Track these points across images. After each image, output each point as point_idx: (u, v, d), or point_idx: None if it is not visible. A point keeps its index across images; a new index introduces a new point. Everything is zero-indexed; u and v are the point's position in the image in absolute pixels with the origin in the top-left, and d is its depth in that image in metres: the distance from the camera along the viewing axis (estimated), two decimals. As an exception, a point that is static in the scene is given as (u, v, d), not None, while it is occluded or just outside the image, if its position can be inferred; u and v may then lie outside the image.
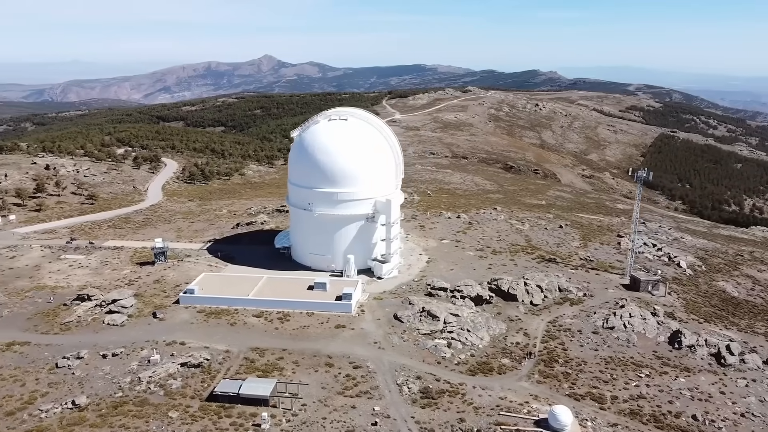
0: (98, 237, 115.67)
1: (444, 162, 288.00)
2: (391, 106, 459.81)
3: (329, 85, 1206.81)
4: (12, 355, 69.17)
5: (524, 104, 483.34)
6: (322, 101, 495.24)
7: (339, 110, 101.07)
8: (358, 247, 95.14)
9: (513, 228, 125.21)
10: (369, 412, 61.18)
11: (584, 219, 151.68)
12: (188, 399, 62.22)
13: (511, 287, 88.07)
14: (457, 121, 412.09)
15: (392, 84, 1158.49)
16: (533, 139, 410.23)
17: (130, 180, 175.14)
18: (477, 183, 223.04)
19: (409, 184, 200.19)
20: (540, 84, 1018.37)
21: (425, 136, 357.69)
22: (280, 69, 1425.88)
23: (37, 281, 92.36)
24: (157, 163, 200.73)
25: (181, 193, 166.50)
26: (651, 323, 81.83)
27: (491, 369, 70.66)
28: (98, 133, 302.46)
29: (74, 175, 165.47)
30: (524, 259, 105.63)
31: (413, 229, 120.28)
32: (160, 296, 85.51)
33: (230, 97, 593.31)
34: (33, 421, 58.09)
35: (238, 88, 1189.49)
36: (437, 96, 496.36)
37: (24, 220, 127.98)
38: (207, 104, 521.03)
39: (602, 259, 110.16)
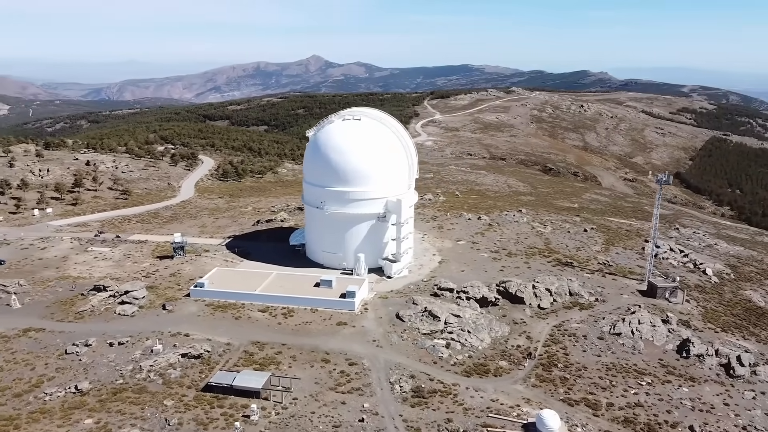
0: (126, 231, 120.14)
1: (480, 163, 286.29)
2: (432, 107, 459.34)
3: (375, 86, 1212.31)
4: (27, 340, 72.92)
5: (568, 105, 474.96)
6: (364, 101, 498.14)
7: (353, 110, 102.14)
8: (368, 246, 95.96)
9: (534, 230, 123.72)
10: (358, 409, 61.93)
11: (614, 223, 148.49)
12: (185, 388, 64.31)
13: (519, 290, 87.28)
14: (497, 122, 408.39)
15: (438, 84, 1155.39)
16: (576, 141, 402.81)
17: (165, 177, 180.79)
18: (510, 185, 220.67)
19: (440, 185, 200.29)
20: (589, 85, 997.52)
21: (464, 137, 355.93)
22: (327, 69, 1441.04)
23: (63, 272, 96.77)
24: (194, 160, 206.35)
25: (212, 190, 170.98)
26: (661, 330, 79.80)
27: (487, 371, 70.37)
28: (144, 131, 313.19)
29: (112, 171, 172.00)
30: (539, 262, 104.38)
31: (431, 229, 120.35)
32: (174, 289, 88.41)
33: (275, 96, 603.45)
34: (37, 403, 61.20)
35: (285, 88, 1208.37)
36: (479, 97, 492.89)
37: (60, 214, 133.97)
38: (252, 104, 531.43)
39: (622, 264, 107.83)
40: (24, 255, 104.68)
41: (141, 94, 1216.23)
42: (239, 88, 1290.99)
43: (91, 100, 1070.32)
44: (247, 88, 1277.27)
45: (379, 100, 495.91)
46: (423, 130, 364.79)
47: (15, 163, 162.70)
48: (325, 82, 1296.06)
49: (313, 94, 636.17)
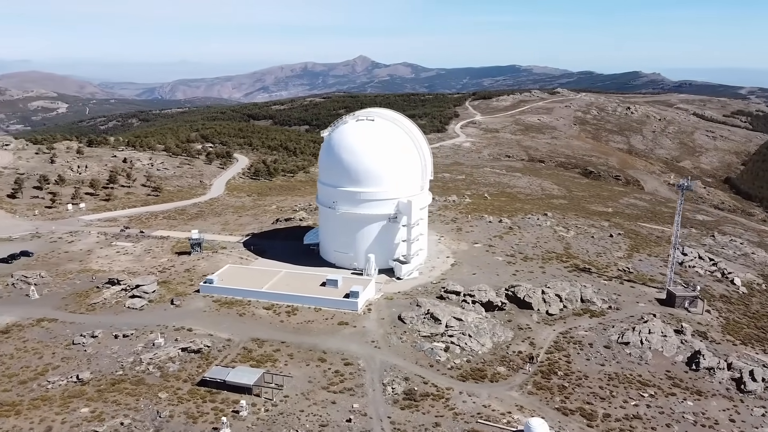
0: (151, 226, 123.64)
1: (518, 165, 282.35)
2: (474, 108, 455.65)
3: (421, 86, 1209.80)
4: (39, 330, 75.92)
5: (614, 107, 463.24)
6: (405, 101, 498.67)
7: (368, 111, 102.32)
8: (379, 247, 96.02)
9: (555, 235, 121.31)
10: (347, 409, 62.03)
11: (646, 229, 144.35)
12: (180, 382, 65.74)
13: (527, 295, 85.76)
14: (539, 123, 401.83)
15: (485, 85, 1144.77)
16: (620, 144, 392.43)
17: (198, 174, 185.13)
18: (544, 187, 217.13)
19: (470, 187, 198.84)
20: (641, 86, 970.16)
21: (503, 138, 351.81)
22: (373, 70, 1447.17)
23: (85, 265, 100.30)
24: (229, 159, 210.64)
25: (241, 188, 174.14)
26: (672, 341, 77.07)
27: (484, 376, 69.42)
28: (187, 129, 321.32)
29: (147, 168, 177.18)
30: (555, 267, 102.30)
31: (449, 231, 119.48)
32: (185, 284, 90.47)
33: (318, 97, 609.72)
34: (40, 390, 63.64)
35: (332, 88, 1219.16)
36: (522, 98, 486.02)
37: (92, 209, 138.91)
38: (295, 103, 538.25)
39: (644, 271, 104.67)
40: (52, 248, 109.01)
41: (192, 93, 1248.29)
42: (287, 88, 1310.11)
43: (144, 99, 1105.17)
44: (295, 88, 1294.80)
45: (420, 101, 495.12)
46: (462, 131, 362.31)
47: (56, 159, 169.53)
48: (371, 82, 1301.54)
49: (355, 95, 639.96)
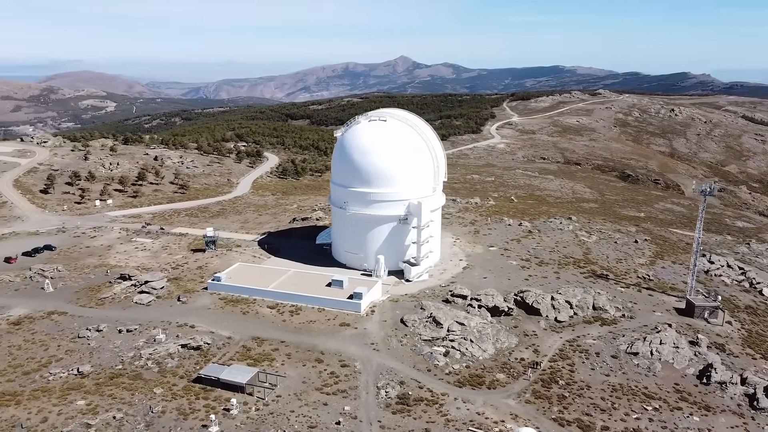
0: (172, 223, 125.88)
1: (552, 167, 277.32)
2: (511, 109, 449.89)
3: (462, 87, 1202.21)
4: (48, 322, 77.97)
5: (658, 109, 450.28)
6: (441, 102, 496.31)
7: (381, 111, 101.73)
8: (389, 248, 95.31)
9: (576, 239, 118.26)
10: (338, 411, 61.66)
11: (677, 235, 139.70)
12: (177, 378, 66.47)
13: (536, 301, 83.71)
14: (578, 125, 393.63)
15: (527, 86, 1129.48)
16: (662, 147, 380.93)
17: (227, 173, 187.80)
18: (575, 190, 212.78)
19: (498, 189, 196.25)
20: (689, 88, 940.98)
21: (539, 140, 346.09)
22: (414, 70, 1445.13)
23: (104, 260, 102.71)
24: (259, 158, 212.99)
25: (267, 187, 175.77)
26: (684, 353, 74.02)
27: (482, 382, 67.99)
28: (223, 128, 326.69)
29: (177, 166, 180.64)
30: (571, 272, 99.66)
31: (466, 234, 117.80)
32: (195, 281, 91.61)
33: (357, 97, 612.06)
34: (41, 382, 65.30)
35: (372, 88, 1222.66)
36: (561, 99, 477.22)
37: (119, 205, 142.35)
38: (333, 104, 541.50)
39: (665, 279, 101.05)
40: (74, 242, 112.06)
41: (236, 93, 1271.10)
42: (328, 88, 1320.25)
43: (189, 99, 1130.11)
44: (336, 88, 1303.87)
45: (458, 102, 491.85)
46: (497, 133, 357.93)
47: (89, 157, 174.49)
48: (412, 83, 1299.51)
49: (393, 95, 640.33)
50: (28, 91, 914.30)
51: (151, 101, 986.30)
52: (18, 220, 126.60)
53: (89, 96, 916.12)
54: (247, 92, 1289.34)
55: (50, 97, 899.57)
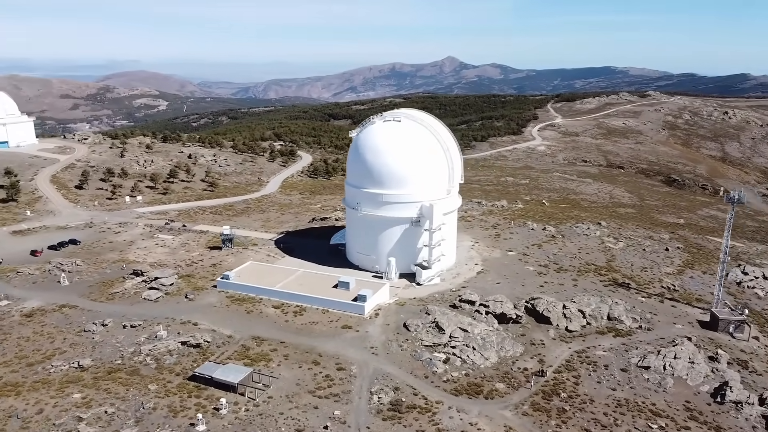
0: (196, 221, 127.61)
1: (592, 171, 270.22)
2: (555, 110, 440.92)
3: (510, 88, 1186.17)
4: (59, 315, 79.78)
5: (710, 111, 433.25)
6: (484, 103, 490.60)
7: (396, 111, 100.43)
8: (401, 251, 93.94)
9: (602, 245, 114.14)
10: (327, 415, 60.77)
11: (714, 243, 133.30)
12: (173, 375, 66.85)
13: (547, 309, 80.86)
14: (624, 127, 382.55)
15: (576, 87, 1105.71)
16: (713, 151, 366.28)
17: (258, 171, 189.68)
18: (613, 195, 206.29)
19: (531, 192, 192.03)
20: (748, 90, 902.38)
21: (582, 142, 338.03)
22: (461, 71, 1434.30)
23: (124, 255, 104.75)
24: (292, 157, 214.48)
25: (296, 186, 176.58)
26: (699, 369, 70.10)
27: (479, 392, 65.91)
28: (263, 127, 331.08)
29: (210, 164, 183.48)
30: (590, 280, 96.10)
31: (486, 238, 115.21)
32: (207, 279, 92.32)
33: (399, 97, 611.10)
34: (43, 373, 66.71)
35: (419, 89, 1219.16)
36: (608, 100, 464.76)
37: (148, 201, 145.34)
38: (376, 104, 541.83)
39: (692, 290, 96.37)
40: (99, 237, 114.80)
41: (283, 92, 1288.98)
42: (374, 88, 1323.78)
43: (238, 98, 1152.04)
44: (382, 88, 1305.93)
45: (501, 103, 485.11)
46: (539, 134, 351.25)
47: (126, 154, 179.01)
48: (459, 83, 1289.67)
49: (435, 95, 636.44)
50: (85, 89, 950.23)
51: (201, 100, 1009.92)
52: (50, 214, 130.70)
53: (142, 95, 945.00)
54: (295, 92, 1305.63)
55: (106, 95, 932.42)
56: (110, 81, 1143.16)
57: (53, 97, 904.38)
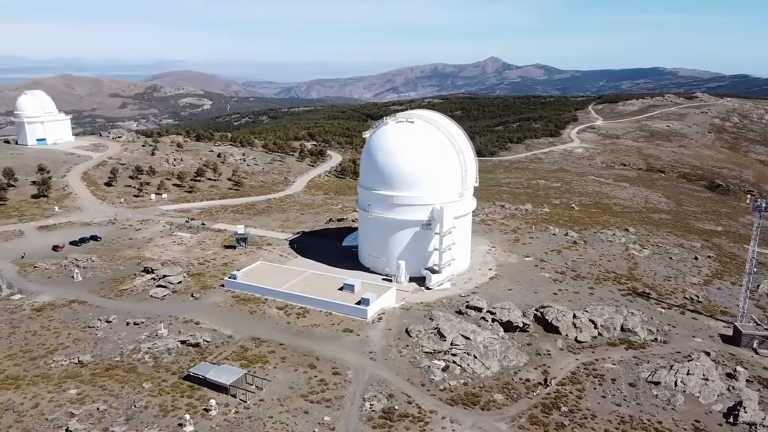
0: (216, 219, 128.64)
1: (630, 175, 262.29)
2: (596, 112, 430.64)
3: (553, 89, 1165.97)
4: (67, 310, 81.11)
5: (761, 114, 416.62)
6: (523, 104, 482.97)
7: (410, 112, 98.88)
8: (411, 254, 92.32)
9: (625, 253, 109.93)
10: (317, 421, 59.79)
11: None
12: (169, 374, 66.97)
13: (556, 318, 78.00)
14: (667, 130, 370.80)
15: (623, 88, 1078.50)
16: (762, 156, 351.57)
17: (286, 171, 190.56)
18: (649, 200, 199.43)
19: (562, 196, 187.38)
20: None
21: (622, 145, 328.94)
22: (504, 71, 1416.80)
23: (141, 252, 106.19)
24: (321, 157, 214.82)
25: (321, 186, 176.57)
26: (714, 386, 66.34)
27: (476, 402, 63.85)
28: (297, 127, 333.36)
29: (239, 163, 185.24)
30: (608, 289, 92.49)
31: (504, 242, 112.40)
32: (217, 278, 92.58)
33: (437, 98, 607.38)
34: (44, 368, 67.74)
35: (460, 89, 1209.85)
36: (653, 102, 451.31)
37: (174, 199, 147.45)
38: (414, 104, 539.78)
39: (717, 302, 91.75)
40: (120, 234, 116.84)
41: (325, 93, 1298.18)
42: (416, 89, 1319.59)
43: (281, 98, 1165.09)
44: (423, 89, 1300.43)
45: (540, 104, 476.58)
46: (577, 136, 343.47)
47: (156, 152, 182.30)
48: (501, 84, 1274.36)
49: (474, 96, 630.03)
50: (133, 89, 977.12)
51: (245, 100, 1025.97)
52: (77, 210, 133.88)
53: (188, 94, 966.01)
54: (337, 92, 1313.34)
55: (153, 95, 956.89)
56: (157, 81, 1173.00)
57: (103, 96, 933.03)
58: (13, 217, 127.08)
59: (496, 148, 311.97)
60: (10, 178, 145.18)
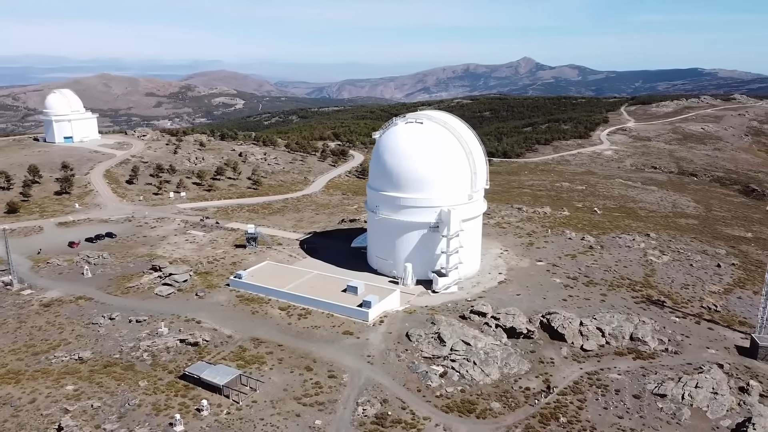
0: (231, 218, 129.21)
1: (660, 178, 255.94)
2: (629, 114, 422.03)
3: (587, 89, 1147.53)
4: (73, 306, 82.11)
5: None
6: (553, 105, 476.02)
7: (419, 113, 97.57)
8: (418, 256, 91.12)
9: (643, 259, 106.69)
10: (308, 425, 59.14)
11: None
12: (165, 373, 67.10)
13: (562, 325, 75.85)
14: (702, 133, 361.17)
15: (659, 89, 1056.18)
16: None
17: (307, 171, 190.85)
18: (677, 204, 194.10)
19: (586, 199, 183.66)
20: None
21: (654, 147, 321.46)
22: (537, 72, 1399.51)
23: (153, 250, 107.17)
24: (343, 156, 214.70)
25: (340, 186, 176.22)
26: (723, 400, 63.58)
27: (472, 410, 62.37)
28: (323, 127, 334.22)
29: (260, 162, 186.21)
30: (621, 296, 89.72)
31: (517, 246, 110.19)
32: (224, 277, 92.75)
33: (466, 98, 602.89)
34: (45, 363, 68.58)
35: (492, 90, 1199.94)
36: (687, 104, 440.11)
37: (192, 198, 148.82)
38: (442, 105, 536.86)
39: (737, 312, 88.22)
40: (135, 232, 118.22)
41: (356, 92, 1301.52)
42: (447, 89, 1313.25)
43: (313, 98, 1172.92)
44: (455, 89, 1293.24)
45: (571, 105, 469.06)
46: (607, 138, 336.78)
47: (179, 151, 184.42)
48: (534, 84, 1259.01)
49: (504, 96, 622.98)
50: (168, 88, 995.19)
51: (276, 99, 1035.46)
52: (97, 207, 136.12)
53: (221, 94, 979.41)
54: (368, 92, 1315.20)
55: (187, 94, 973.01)
56: (192, 80, 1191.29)
57: (139, 95, 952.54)
58: (35, 213, 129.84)
59: (522, 149, 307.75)
60: (35, 175, 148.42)
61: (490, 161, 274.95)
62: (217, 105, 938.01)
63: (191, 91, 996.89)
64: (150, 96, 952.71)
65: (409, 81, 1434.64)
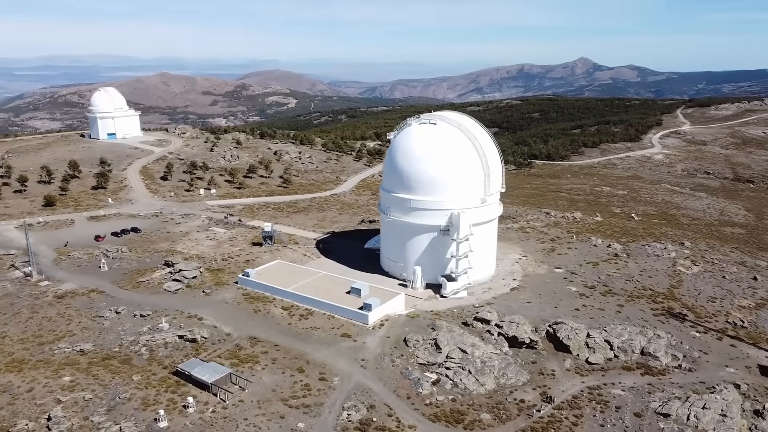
0: (255, 216, 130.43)
1: (712, 184, 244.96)
2: (685, 116, 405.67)
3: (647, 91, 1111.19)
4: (84, 299, 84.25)
5: None
6: (606, 106, 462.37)
7: (434, 114, 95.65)
8: (428, 260, 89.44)
9: (671, 269, 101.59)
10: (290, 427, 58.56)
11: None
12: (160, 368, 67.83)
13: (567, 336, 72.77)
14: (763, 137, 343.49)
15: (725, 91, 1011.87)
16: None
17: (340, 170, 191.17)
18: (725, 212, 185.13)
19: (626, 204, 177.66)
20: None
21: (709, 152, 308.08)
22: (594, 72, 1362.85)
23: (174, 246, 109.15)
24: (379, 156, 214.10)
25: (370, 186, 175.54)
26: (732, 424, 59.50)
27: (460, 420, 60.43)
28: (366, 127, 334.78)
29: (293, 161, 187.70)
30: (639, 307, 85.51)
31: (538, 252, 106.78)
32: (234, 274, 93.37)
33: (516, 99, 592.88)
34: (47, 354, 70.45)
35: (547, 90, 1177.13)
36: (749, 107, 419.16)
37: (221, 195, 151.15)
38: (491, 105, 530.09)
39: (766, 329, 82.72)
40: (159, 227, 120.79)
41: (408, 93, 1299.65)
42: (500, 89, 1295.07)
43: (364, 98, 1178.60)
44: (509, 89, 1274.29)
45: (624, 107, 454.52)
46: (659, 142, 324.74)
47: (215, 149, 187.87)
48: (590, 85, 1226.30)
49: (555, 98, 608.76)
50: (224, 87, 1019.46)
51: (329, 99, 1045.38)
52: (129, 202, 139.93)
53: (274, 93, 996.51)
54: (420, 92, 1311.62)
55: (242, 93, 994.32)
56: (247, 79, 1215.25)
57: (196, 93, 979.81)
58: (70, 207, 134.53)
59: (567, 152, 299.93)
60: (75, 170, 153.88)
61: (531, 164, 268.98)
62: (270, 104, 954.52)
63: (246, 90, 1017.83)
64: (206, 94, 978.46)
65: (462, 81, 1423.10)
